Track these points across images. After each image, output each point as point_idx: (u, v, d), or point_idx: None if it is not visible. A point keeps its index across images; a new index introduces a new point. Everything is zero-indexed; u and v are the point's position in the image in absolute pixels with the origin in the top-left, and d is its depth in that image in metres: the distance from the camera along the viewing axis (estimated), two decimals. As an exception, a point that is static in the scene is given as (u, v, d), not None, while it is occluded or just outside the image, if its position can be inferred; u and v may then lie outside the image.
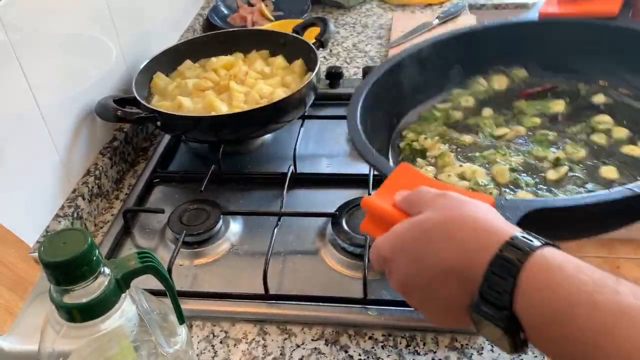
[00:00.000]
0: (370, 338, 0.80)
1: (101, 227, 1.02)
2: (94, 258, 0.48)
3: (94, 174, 1.04)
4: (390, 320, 0.81)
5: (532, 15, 0.96)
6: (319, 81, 1.15)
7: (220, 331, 0.83)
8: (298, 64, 1.23)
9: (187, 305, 0.85)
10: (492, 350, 0.78)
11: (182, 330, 0.59)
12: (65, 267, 0.47)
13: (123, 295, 0.52)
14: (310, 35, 1.27)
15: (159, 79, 1.22)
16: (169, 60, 1.26)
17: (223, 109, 1.10)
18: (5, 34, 0.84)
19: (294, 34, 1.27)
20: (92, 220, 1.03)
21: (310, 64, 1.20)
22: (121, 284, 0.51)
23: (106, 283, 0.50)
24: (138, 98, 1.08)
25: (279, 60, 1.25)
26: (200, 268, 0.93)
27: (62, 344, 0.53)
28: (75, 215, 0.97)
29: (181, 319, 0.58)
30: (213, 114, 1.08)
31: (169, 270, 0.86)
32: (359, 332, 0.81)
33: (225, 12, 1.69)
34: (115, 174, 1.11)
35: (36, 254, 0.79)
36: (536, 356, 0.75)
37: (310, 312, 0.83)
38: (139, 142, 1.22)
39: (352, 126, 0.82)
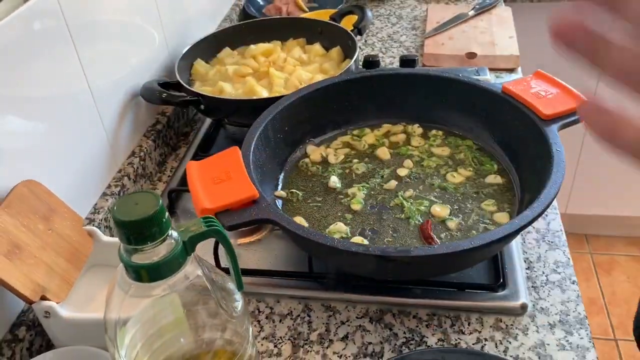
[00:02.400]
0: (414, 317, 0.81)
1: (145, 208, 1.04)
2: (164, 220, 0.49)
3: (139, 155, 1.07)
4: (435, 301, 0.82)
5: (497, 87, 0.98)
6: (357, 69, 1.15)
7: (266, 307, 0.84)
8: (335, 51, 1.24)
9: (232, 282, 0.87)
10: (537, 331, 0.78)
11: (240, 297, 0.60)
12: (137, 226, 0.48)
13: (189, 257, 0.53)
14: (347, 23, 1.28)
15: (200, 65, 1.24)
16: (208, 48, 1.28)
17: (264, 93, 1.11)
18: (64, 19, 0.86)
19: (331, 22, 1.28)
20: (137, 200, 1.05)
21: (348, 51, 1.21)
22: (187, 247, 0.52)
23: (174, 245, 0.51)
24: (182, 82, 1.10)
25: (317, 47, 1.26)
26: (244, 247, 0.94)
27: (129, 308, 0.55)
28: (121, 194, 0.99)
29: (240, 285, 0.59)
30: (255, 97, 1.09)
31: (215, 248, 0.88)
32: (403, 311, 0.82)
33: (261, 2, 1.70)
34: (158, 157, 1.13)
35: (89, 227, 0.81)
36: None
37: (353, 294, 0.84)
38: (180, 127, 1.24)
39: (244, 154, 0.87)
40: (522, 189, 0.90)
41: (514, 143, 0.95)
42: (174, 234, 0.52)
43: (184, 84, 1.09)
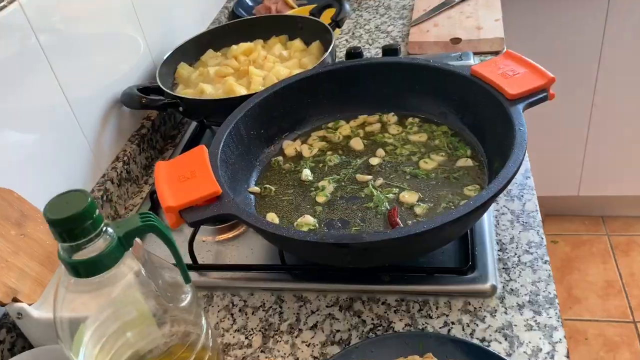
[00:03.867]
0: (383, 303, 0.82)
1: (130, 210, 1.07)
2: (95, 215, 0.51)
3: (122, 159, 1.10)
4: (404, 286, 0.82)
5: (466, 70, 0.96)
6: (335, 60, 1.16)
7: (240, 300, 0.86)
8: (315, 45, 1.25)
9: (208, 277, 0.89)
10: (505, 313, 0.77)
11: (189, 289, 0.62)
12: (67, 223, 0.50)
13: (126, 252, 0.55)
14: (326, 17, 1.29)
15: (183, 69, 1.26)
16: (192, 51, 1.30)
17: (242, 92, 1.13)
18: (36, 37, 0.90)
19: (310, 17, 1.29)
20: (122, 203, 1.08)
21: (328, 45, 1.22)
22: (123, 242, 0.54)
23: (109, 241, 0.53)
24: (161, 86, 1.13)
25: (297, 43, 1.27)
26: (223, 243, 0.96)
27: (75, 306, 0.57)
28: (104, 198, 1.02)
29: (186, 278, 0.61)
30: (232, 96, 1.11)
31: (190, 244, 0.90)
32: (373, 298, 0.83)
33: (250, 3, 1.72)
34: (144, 160, 1.16)
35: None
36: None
37: (323, 283, 0.85)
38: (166, 130, 1.27)
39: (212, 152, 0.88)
40: (489, 171, 0.90)
41: (483, 125, 0.95)
42: (109, 230, 0.54)
43: (163, 88, 1.12)
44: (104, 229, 0.53)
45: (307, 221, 0.86)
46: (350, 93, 1.07)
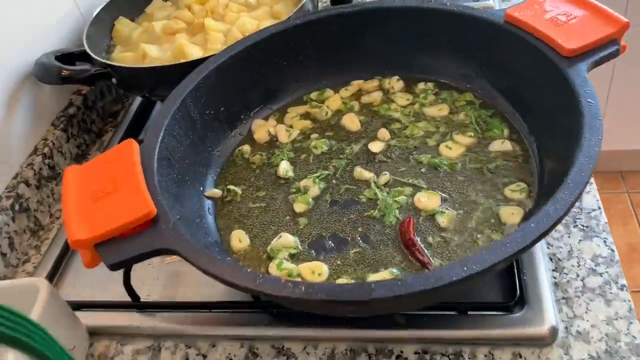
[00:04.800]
0: (398, 357, 0.58)
1: (57, 218, 0.82)
2: None
3: (43, 152, 0.83)
4: (426, 332, 0.58)
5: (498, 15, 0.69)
6: (317, 7, 0.88)
7: (197, 355, 0.62)
8: (292, -12, 0.96)
9: (154, 319, 0.65)
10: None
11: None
12: None
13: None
14: (305, -50, 0.99)
15: (122, 24, 0.98)
16: (134, 1, 1.01)
17: (196, 53, 0.85)
18: None
19: (284, -50, 1.00)
20: (46, 210, 0.82)
21: (307, -14, 0.93)
22: None
23: None
24: (88, 50, 0.85)
25: (268, -15, 0.98)
26: (175, 267, 0.71)
27: None
28: (17, 207, 0.76)
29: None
30: (182, 61, 0.83)
31: (126, 275, 0.65)
32: (383, 348, 0.59)
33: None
34: (75, 149, 0.90)
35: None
36: None
37: (314, 328, 0.60)
38: (106, 105, 0.99)
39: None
40: (540, 159, 0.64)
41: (526, 93, 0.68)
42: None
43: (91, 53, 0.84)
44: None
45: (286, 242, 0.61)
46: (339, 51, 0.80)
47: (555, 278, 0.62)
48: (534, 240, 0.47)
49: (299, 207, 0.65)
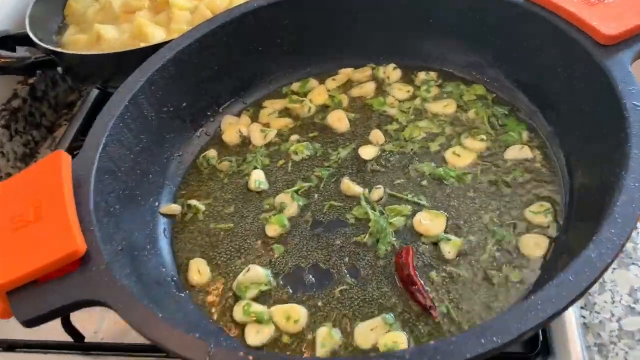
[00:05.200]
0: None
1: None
2: None
3: (-23, 154, 0.71)
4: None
5: None
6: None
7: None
8: (271, -43, 0.82)
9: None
10: None
11: None
12: None
13: None
14: None
15: (75, 1, 0.84)
16: (91, -27, 0.88)
17: (158, 35, 0.73)
18: None
19: None
20: (-16, 221, 0.70)
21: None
22: None
23: None
24: (30, 33, 0.72)
25: (243, -46, 0.85)
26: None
27: None
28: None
29: None
30: (142, 45, 0.70)
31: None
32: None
33: None
34: (22, 148, 0.77)
35: None
36: None
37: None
38: (59, 95, 0.86)
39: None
40: (569, 171, 0.52)
41: (551, 89, 0.56)
42: None
43: (33, 37, 0.71)
44: None
45: (256, 277, 0.50)
46: (325, 33, 0.68)
47: (584, 318, 0.51)
48: (572, 299, 0.35)
49: (272, 230, 0.53)
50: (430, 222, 0.51)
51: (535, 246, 0.48)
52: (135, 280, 0.46)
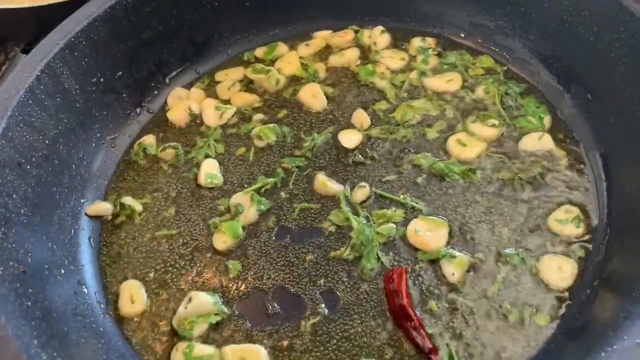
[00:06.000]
0: None
1: None
2: None
3: None
4: None
5: None
6: None
7: None
8: None
9: None
10: None
11: None
12: None
13: None
14: None
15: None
16: None
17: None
18: None
19: None
20: None
21: None
22: None
23: None
24: None
25: None
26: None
27: None
28: None
29: None
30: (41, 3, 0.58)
31: None
32: None
33: None
34: None
35: None
36: None
37: None
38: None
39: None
40: (606, 170, 0.42)
41: (582, 64, 0.45)
42: None
43: None
44: None
45: (201, 308, 0.38)
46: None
47: None
48: None
49: (220, 242, 0.42)
50: (428, 233, 0.40)
51: (559, 274, 0.37)
52: (40, 317, 0.34)
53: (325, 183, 0.44)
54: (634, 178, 0.38)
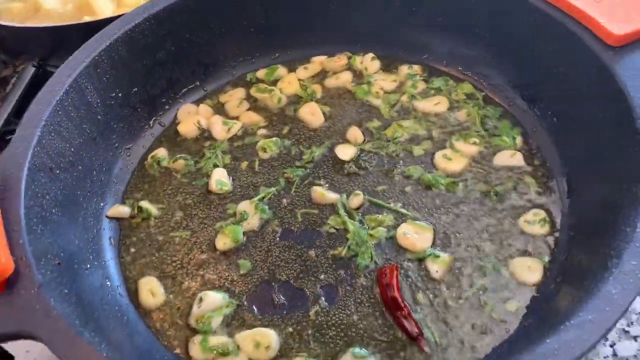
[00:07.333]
0: None
1: None
2: None
3: None
4: None
5: None
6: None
7: None
8: None
9: None
10: None
11: None
12: None
13: None
14: None
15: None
16: None
17: (106, 9, 0.65)
18: None
19: None
20: None
21: None
22: None
23: None
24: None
25: None
26: None
27: None
28: None
29: None
30: (87, 19, 0.62)
31: None
32: None
33: None
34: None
35: None
36: None
37: None
38: (-10, 70, 0.76)
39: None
40: (569, 183, 0.48)
41: (551, 92, 0.52)
42: None
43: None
44: None
45: (213, 305, 0.43)
46: (295, 15, 0.61)
47: None
48: (593, 344, 0.30)
49: (221, 243, 0.47)
50: (415, 236, 0.46)
51: (528, 271, 0.43)
52: (76, 303, 0.39)
53: (322, 193, 0.49)
54: (593, 191, 0.45)
